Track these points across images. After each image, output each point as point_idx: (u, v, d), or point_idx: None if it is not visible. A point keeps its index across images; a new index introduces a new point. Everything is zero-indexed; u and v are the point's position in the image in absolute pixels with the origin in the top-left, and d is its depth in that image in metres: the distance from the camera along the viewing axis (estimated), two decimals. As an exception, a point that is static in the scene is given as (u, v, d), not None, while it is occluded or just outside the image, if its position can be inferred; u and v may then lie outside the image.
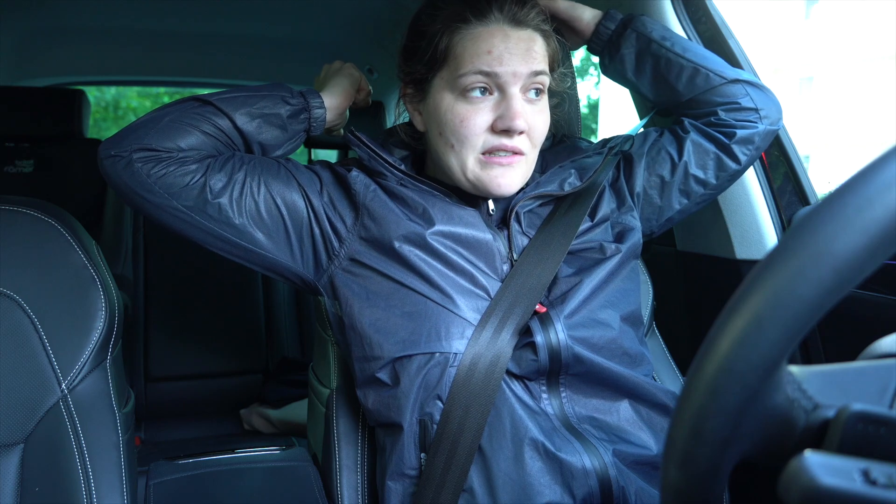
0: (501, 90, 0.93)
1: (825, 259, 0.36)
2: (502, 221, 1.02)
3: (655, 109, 1.29)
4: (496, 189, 0.96)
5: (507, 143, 0.94)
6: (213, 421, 2.31)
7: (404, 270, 0.94)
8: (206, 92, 1.02)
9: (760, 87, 1.14)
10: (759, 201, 1.32)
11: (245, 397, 2.32)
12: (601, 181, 1.07)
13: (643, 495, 0.89)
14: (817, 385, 0.43)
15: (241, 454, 1.19)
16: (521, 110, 0.93)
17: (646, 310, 1.22)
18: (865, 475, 0.35)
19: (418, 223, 0.96)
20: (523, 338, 0.92)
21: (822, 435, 0.41)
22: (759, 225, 1.32)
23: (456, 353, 0.89)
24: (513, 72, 0.92)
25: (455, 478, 0.87)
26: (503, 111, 0.93)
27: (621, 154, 1.14)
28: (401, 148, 1.07)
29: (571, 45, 1.20)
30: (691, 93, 1.13)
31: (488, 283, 0.94)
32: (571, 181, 1.04)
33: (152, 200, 0.95)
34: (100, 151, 0.96)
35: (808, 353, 1.28)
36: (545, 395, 0.93)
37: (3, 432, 0.89)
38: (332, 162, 1.08)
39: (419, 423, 0.91)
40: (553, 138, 1.14)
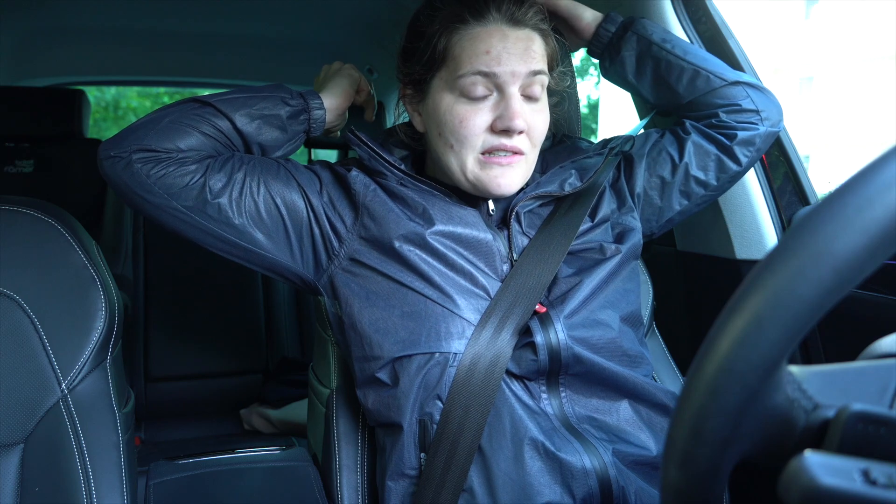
0: (500, 90, 0.93)
1: (825, 259, 0.36)
2: (502, 221, 1.02)
3: (656, 110, 1.29)
4: (496, 189, 0.96)
5: (507, 142, 0.94)
6: (213, 421, 2.31)
7: (404, 270, 0.94)
8: (206, 92, 1.02)
9: (761, 88, 1.14)
10: (759, 201, 1.32)
11: (245, 397, 2.32)
12: (601, 182, 1.07)
13: (643, 495, 0.89)
14: (817, 385, 0.43)
15: (241, 454, 1.19)
16: (520, 110, 0.93)
17: (646, 310, 1.22)
18: (865, 475, 0.35)
19: (418, 223, 0.96)
20: (523, 338, 0.92)
21: (822, 435, 0.41)
22: (759, 225, 1.32)
23: (456, 353, 0.89)
24: (511, 71, 0.92)
25: (455, 478, 0.87)
26: (502, 111, 0.93)
27: (622, 155, 1.14)
28: (401, 148, 1.07)
29: (571, 46, 1.20)
30: (692, 95, 1.13)
31: (488, 283, 0.94)
32: (572, 181, 1.04)
33: (152, 201, 0.95)
34: (99, 152, 0.96)
35: (808, 353, 1.28)
36: (545, 395, 0.93)
37: (3, 432, 0.89)
38: (332, 162, 1.08)
39: (419, 422, 0.91)
40: (553, 138, 1.14)
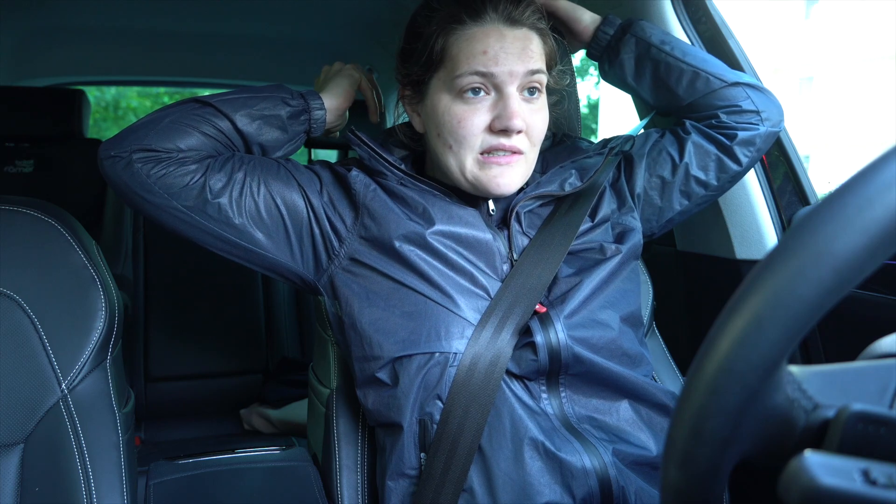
0: (498, 90, 0.93)
1: (825, 259, 0.36)
2: (502, 221, 1.02)
3: (656, 110, 1.29)
4: (495, 189, 0.96)
5: (506, 142, 0.94)
6: (213, 421, 2.31)
7: (404, 270, 0.94)
8: (206, 92, 1.02)
9: (761, 89, 1.14)
10: (759, 201, 1.32)
11: (245, 397, 2.32)
12: (602, 181, 1.07)
13: (643, 495, 0.89)
14: (817, 385, 0.43)
15: (241, 454, 1.19)
16: (519, 109, 0.93)
17: (646, 310, 1.22)
18: (865, 475, 0.35)
19: (418, 223, 0.96)
20: (523, 338, 0.92)
21: (822, 435, 0.41)
22: (759, 225, 1.32)
23: (456, 353, 0.89)
24: (509, 71, 0.92)
25: (455, 478, 0.87)
26: (500, 111, 0.92)
27: (622, 155, 1.14)
28: (400, 148, 1.07)
29: (570, 47, 1.20)
30: (692, 97, 1.13)
31: (488, 282, 0.94)
32: (572, 181, 1.04)
33: (152, 201, 0.95)
34: (100, 152, 0.96)
35: (808, 353, 1.28)
36: (545, 395, 0.93)
37: (3, 432, 0.89)
38: (332, 162, 1.08)
39: (419, 422, 0.90)
40: (553, 138, 1.14)
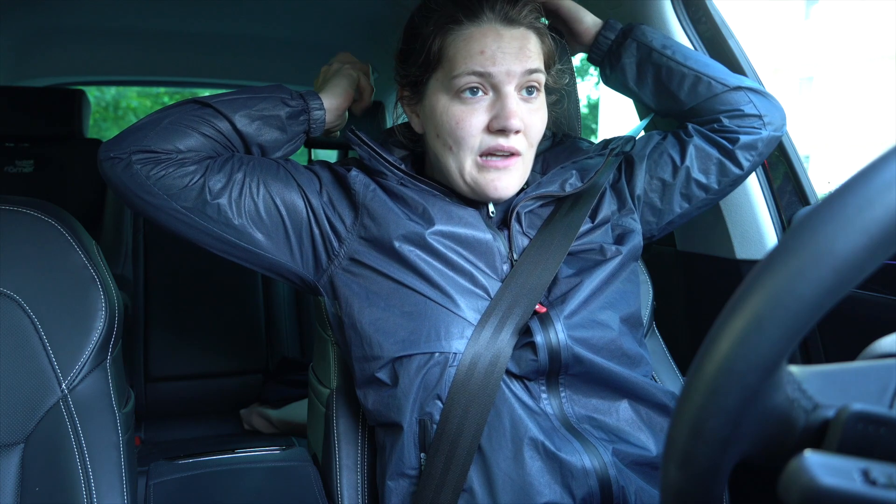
0: (496, 90, 0.93)
1: (825, 259, 0.36)
2: (503, 222, 1.02)
3: (650, 114, 1.29)
4: (493, 192, 0.96)
5: (504, 143, 0.93)
6: (213, 421, 2.31)
7: (404, 270, 0.94)
8: (206, 92, 1.02)
9: (763, 93, 1.14)
10: (759, 201, 1.32)
11: (245, 397, 2.32)
12: (602, 182, 1.07)
13: (643, 495, 0.89)
14: (817, 385, 0.43)
15: (241, 454, 1.19)
16: (517, 109, 0.93)
17: (646, 310, 1.22)
18: (865, 475, 0.35)
19: (418, 223, 0.96)
20: (523, 338, 0.92)
21: (822, 435, 0.41)
22: (759, 225, 1.32)
23: (455, 353, 0.89)
24: (506, 71, 0.92)
25: (455, 477, 0.87)
26: (498, 111, 0.92)
27: (623, 156, 1.14)
28: (400, 148, 1.07)
29: (570, 49, 1.20)
30: (694, 101, 1.13)
31: (488, 282, 0.94)
32: (572, 182, 1.04)
33: (152, 202, 0.95)
34: (99, 153, 0.96)
35: (808, 353, 1.28)
36: (545, 395, 0.93)
37: (3, 432, 0.89)
38: (332, 162, 1.08)
39: (419, 422, 0.90)
40: (553, 138, 1.14)
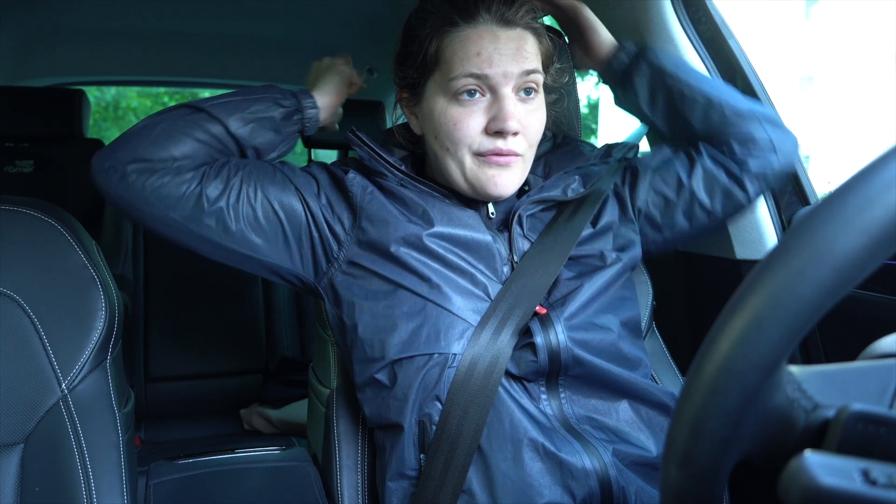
0: (493, 91, 0.92)
1: (825, 259, 0.36)
2: (504, 224, 1.01)
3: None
4: (493, 189, 0.95)
5: (502, 146, 0.93)
6: (213, 421, 2.31)
7: (403, 272, 0.94)
8: (206, 93, 1.02)
9: (776, 121, 1.12)
10: (759, 201, 1.32)
11: (245, 397, 2.32)
12: (604, 189, 1.07)
13: (643, 495, 0.89)
14: (817, 385, 0.43)
15: (241, 454, 1.19)
16: (514, 111, 0.92)
17: (646, 310, 1.21)
18: (865, 475, 0.35)
19: (418, 224, 0.96)
20: (523, 338, 0.92)
21: (822, 435, 0.41)
22: (759, 225, 1.31)
23: (455, 354, 0.89)
24: (503, 72, 0.91)
25: (454, 478, 0.87)
26: (496, 112, 0.92)
27: (629, 165, 1.13)
28: (400, 148, 1.07)
29: (580, 64, 1.18)
30: (706, 126, 1.11)
31: (488, 284, 0.94)
32: (575, 187, 1.03)
33: (149, 212, 0.94)
34: (93, 164, 0.95)
35: (808, 353, 1.28)
36: (544, 397, 0.93)
37: (3, 432, 0.89)
38: (330, 163, 1.08)
39: (418, 423, 0.90)
40: (554, 139, 1.13)
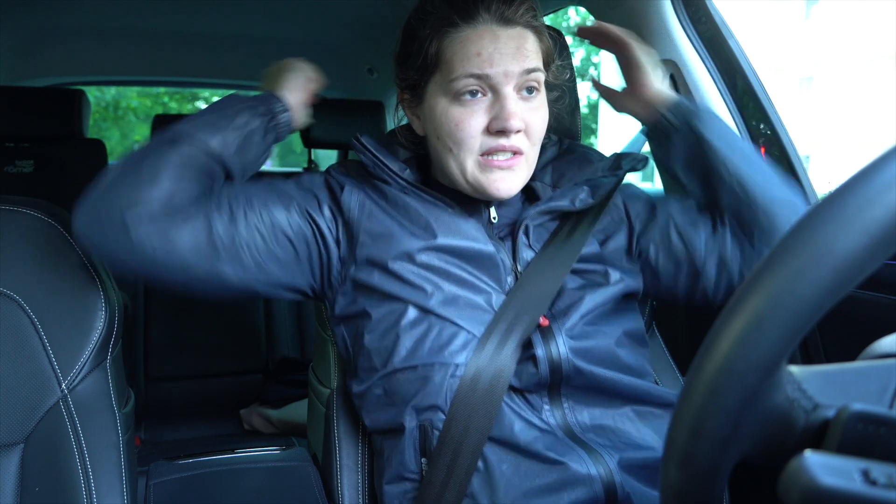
0: (495, 91, 0.92)
1: (825, 259, 0.36)
2: (509, 232, 1.00)
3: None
4: (495, 192, 0.95)
5: (505, 143, 0.92)
6: (213, 421, 2.31)
7: (405, 286, 0.93)
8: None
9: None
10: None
11: (245, 397, 2.32)
12: (612, 200, 1.04)
13: (648, 498, 0.89)
14: (817, 385, 0.43)
15: (241, 454, 1.19)
16: (516, 110, 0.91)
17: (645, 309, 1.21)
18: (865, 475, 0.35)
19: (419, 237, 0.95)
20: (524, 351, 0.91)
21: (822, 435, 0.41)
22: (759, 225, 1.31)
23: (458, 365, 0.88)
24: (504, 72, 0.91)
25: (457, 485, 0.87)
26: (497, 112, 0.91)
27: (650, 200, 1.08)
28: (406, 148, 1.06)
29: (619, 107, 1.13)
30: (735, 207, 1.03)
31: (492, 295, 0.94)
32: (583, 198, 1.01)
33: (160, 267, 0.88)
34: (78, 223, 0.86)
35: (808, 353, 1.28)
36: (547, 407, 0.92)
37: (3, 432, 0.89)
38: (330, 165, 1.06)
39: (419, 428, 0.90)
40: (560, 146, 1.11)
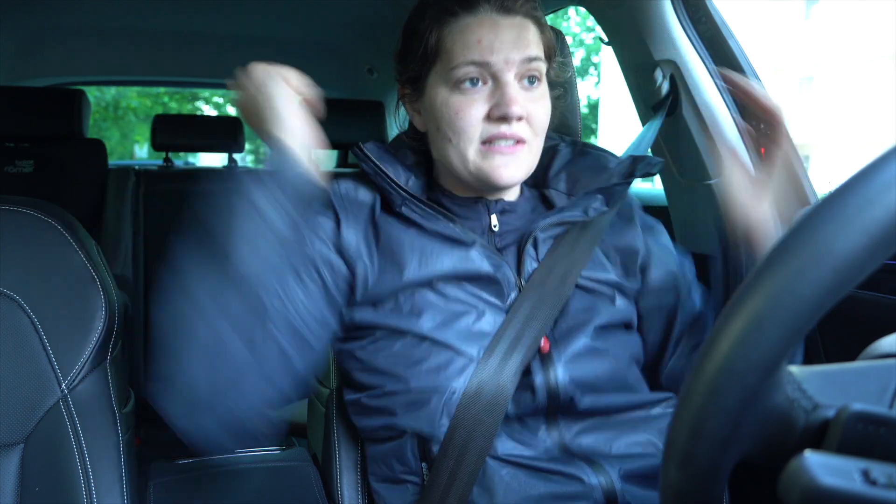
0: (495, 79, 0.91)
1: (825, 259, 0.36)
2: (515, 243, 0.98)
3: (660, 117, 1.27)
4: (498, 180, 0.92)
5: (506, 130, 0.90)
6: (213, 421, 2.31)
7: (401, 315, 0.91)
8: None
9: None
10: (759, 201, 1.31)
11: (245, 397, 2.31)
12: (625, 207, 1.03)
13: (649, 501, 0.88)
14: (817, 385, 0.43)
15: (241, 454, 1.19)
16: (517, 97, 0.90)
17: None
18: (865, 475, 0.35)
19: (418, 267, 0.92)
20: (523, 377, 0.89)
21: (822, 435, 0.41)
22: (759, 225, 1.31)
23: (455, 389, 0.87)
24: (505, 59, 0.90)
25: (459, 490, 0.86)
26: (498, 99, 0.90)
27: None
28: (412, 150, 1.03)
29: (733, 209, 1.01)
30: None
31: (492, 315, 0.92)
32: (597, 206, 0.98)
33: None
34: (176, 423, 0.79)
35: (808, 353, 1.28)
36: (543, 428, 0.91)
37: (3, 432, 0.89)
38: (332, 186, 0.99)
39: (416, 436, 0.89)
40: (574, 147, 1.07)
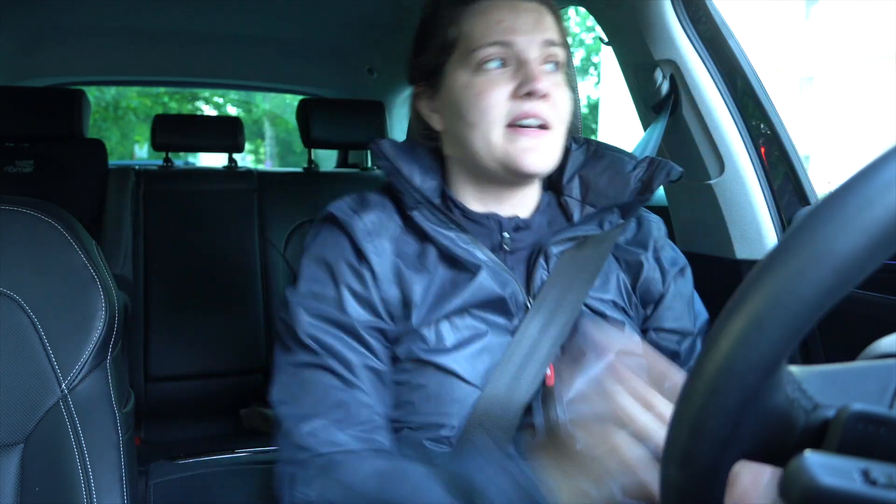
0: (518, 60, 0.89)
1: (825, 259, 0.36)
2: (525, 259, 0.95)
3: (662, 117, 1.28)
4: (526, 166, 0.88)
5: (533, 108, 0.87)
6: (213, 421, 2.31)
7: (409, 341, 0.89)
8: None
9: None
10: (759, 201, 1.32)
11: (245, 397, 2.32)
12: (643, 217, 1.01)
13: None
14: (817, 385, 0.43)
15: (241, 454, 1.20)
16: (541, 75, 0.88)
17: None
18: (865, 475, 0.35)
19: (425, 314, 0.89)
20: (524, 416, 0.87)
21: (822, 435, 0.41)
22: (759, 225, 1.32)
23: (455, 426, 0.86)
24: (527, 39, 0.88)
25: None
26: (523, 77, 0.87)
27: (681, 270, 1.00)
28: (429, 155, 0.99)
29: None
30: None
31: (500, 338, 0.89)
32: (613, 219, 0.96)
33: None
34: None
35: (808, 353, 1.28)
36: None
37: (3, 432, 0.89)
38: (342, 212, 0.93)
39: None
40: (587, 147, 1.03)
